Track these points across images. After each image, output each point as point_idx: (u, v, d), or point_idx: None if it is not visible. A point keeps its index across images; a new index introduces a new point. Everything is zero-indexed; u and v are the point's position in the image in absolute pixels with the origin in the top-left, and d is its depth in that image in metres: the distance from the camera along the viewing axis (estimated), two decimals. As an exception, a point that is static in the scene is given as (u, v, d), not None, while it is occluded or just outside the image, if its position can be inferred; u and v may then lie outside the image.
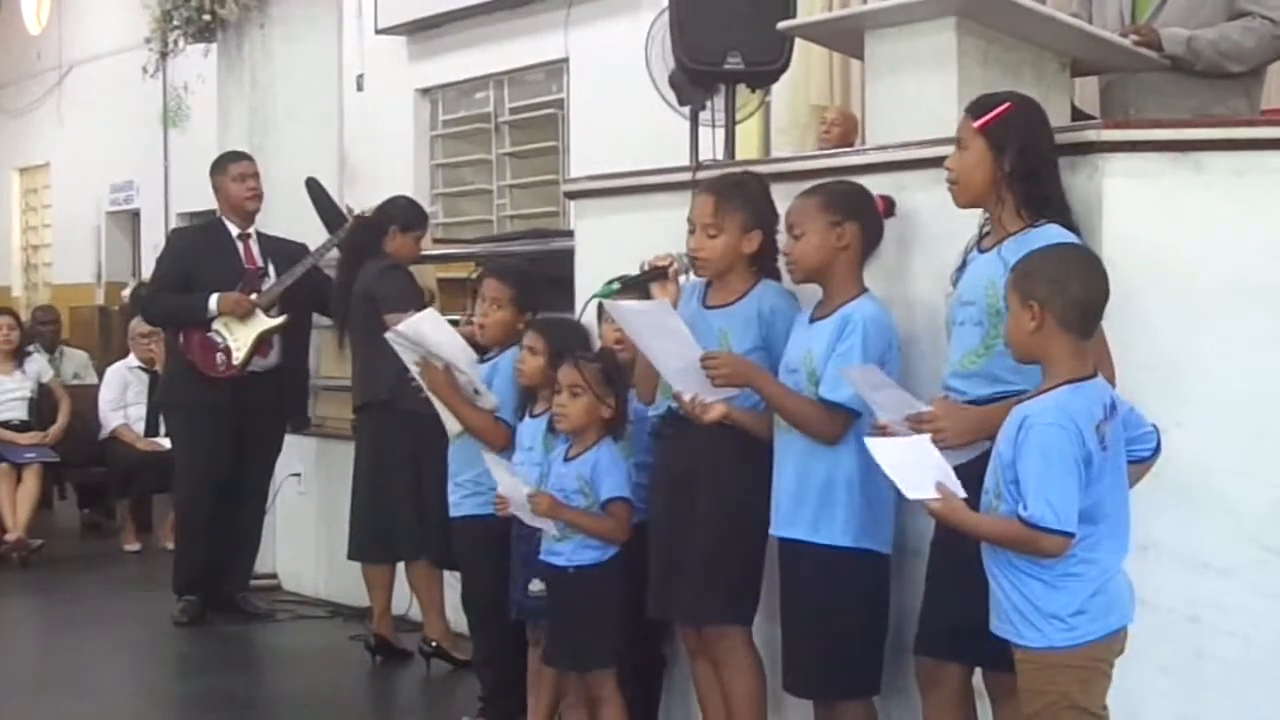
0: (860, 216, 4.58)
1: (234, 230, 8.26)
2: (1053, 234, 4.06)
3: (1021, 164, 4.15)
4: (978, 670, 4.28)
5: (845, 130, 8.93)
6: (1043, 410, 3.73)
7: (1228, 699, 4.32)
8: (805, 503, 4.55)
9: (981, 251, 4.25)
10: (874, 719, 4.63)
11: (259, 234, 8.29)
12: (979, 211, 4.29)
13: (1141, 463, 3.97)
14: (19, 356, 10.90)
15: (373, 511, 7.28)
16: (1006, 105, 4.21)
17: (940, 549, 4.24)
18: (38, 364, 11.07)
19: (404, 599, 7.60)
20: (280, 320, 8.09)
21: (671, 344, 4.72)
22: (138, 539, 10.73)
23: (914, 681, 4.42)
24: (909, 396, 4.14)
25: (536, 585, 5.28)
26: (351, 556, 7.49)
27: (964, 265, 4.30)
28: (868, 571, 4.55)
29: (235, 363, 8.02)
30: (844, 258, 4.56)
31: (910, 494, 3.90)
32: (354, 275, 7.28)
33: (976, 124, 4.20)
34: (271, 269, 8.19)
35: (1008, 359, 4.06)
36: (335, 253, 7.98)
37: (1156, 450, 4.02)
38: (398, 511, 7.12)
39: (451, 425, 5.82)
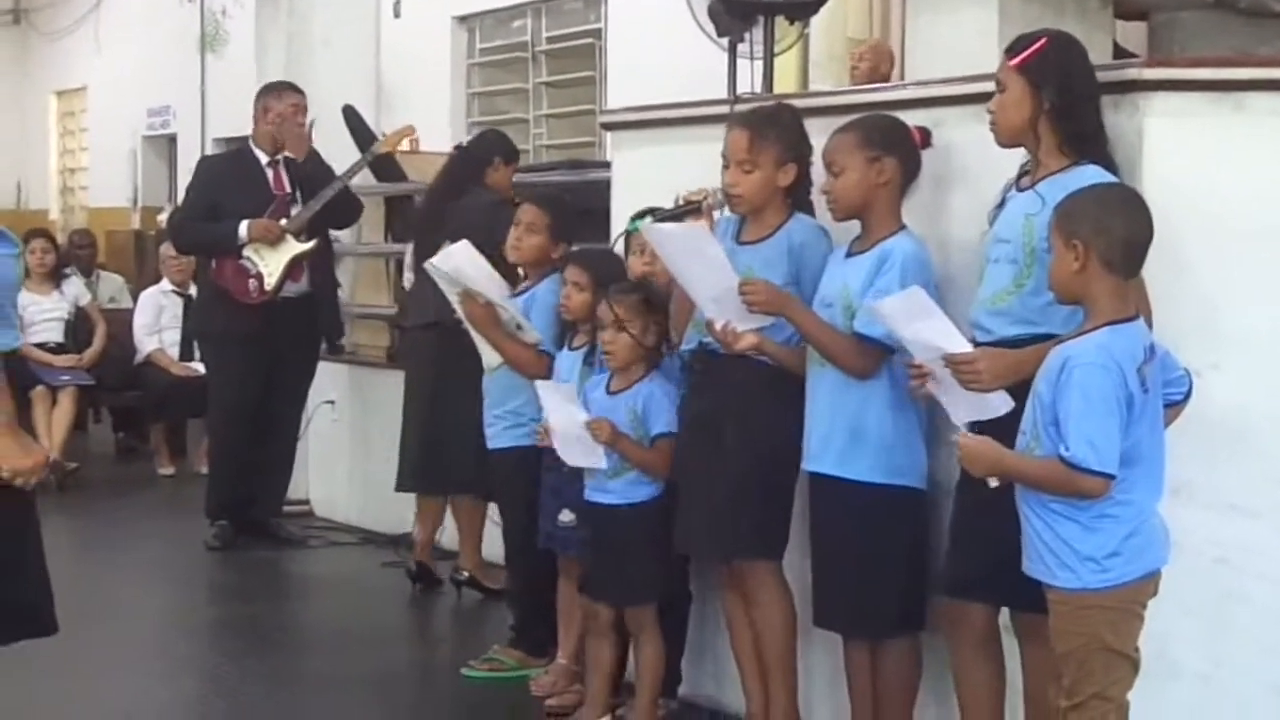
0: (898, 150, 4.55)
1: (263, 157, 8.27)
2: (1091, 174, 4.03)
3: (1060, 100, 4.12)
4: (1004, 610, 4.28)
5: (874, 64, 8.79)
6: (1084, 350, 3.71)
7: (1255, 641, 4.32)
8: (835, 438, 4.56)
9: (1020, 190, 4.23)
10: (919, 655, 4.64)
11: (287, 160, 8.29)
12: (1018, 150, 4.26)
13: (1173, 406, 3.96)
14: (57, 278, 10.91)
15: (427, 441, 7.18)
16: (1043, 41, 4.18)
17: (965, 489, 4.23)
18: (75, 287, 11.09)
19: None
20: (310, 245, 8.11)
21: (706, 269, 4.70)
22: (172, 463, 10.80)
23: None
24: (952, 327, 4.09)
25: (566, 516, 5.30)
26: (405, 488, 7.42)
27: (1002, 204, 4.28)
28: (901, 507, 4.55)
29: (267, 288, 8.05)
30: (884, 193, 4.54)
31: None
32: (446, 204, 7.10)
33: (1013, 62, 4.18)
34: (299, 194, 8.21)
35: (1038, 299, 4.06)
36: (365, 176, 7.92)
37: (1188, 394, 4.01)
38: (454, 443, 6.92)
39: (489, 358, 5.82)
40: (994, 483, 3.89)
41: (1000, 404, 3.98)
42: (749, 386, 4.76)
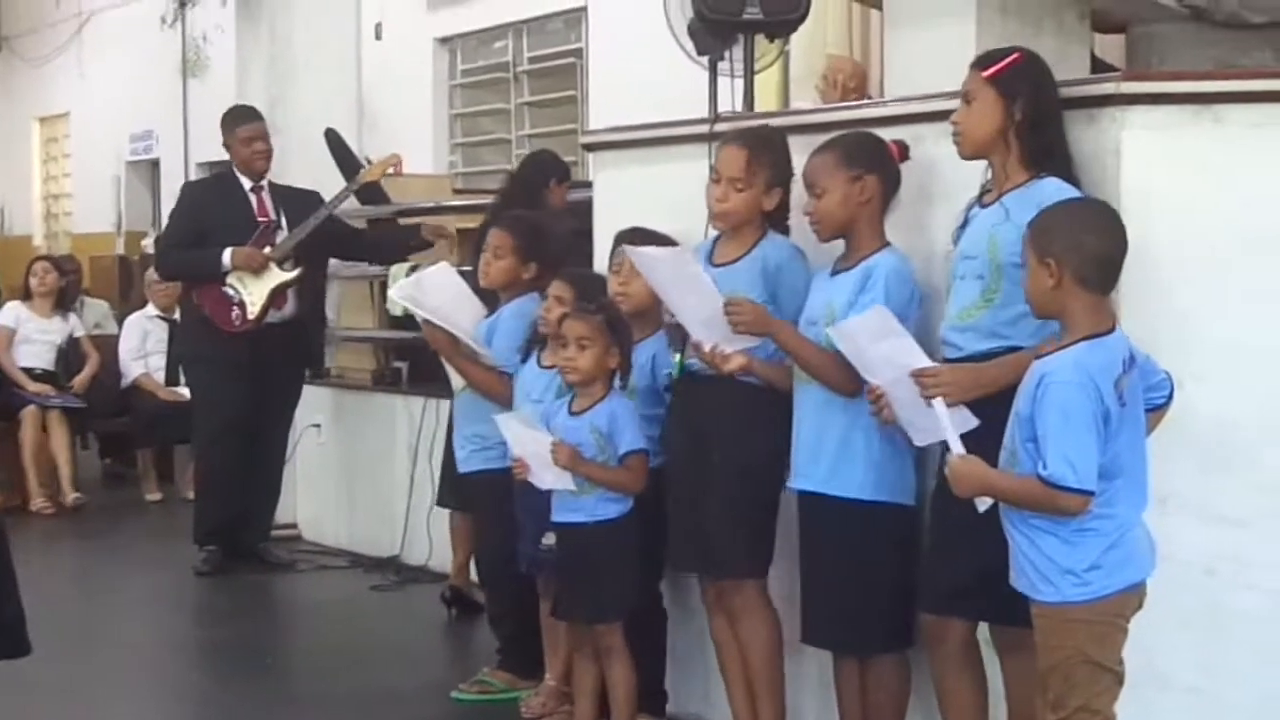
0: (879, 168, 4.57)
1: (246, 183, 8.26)
2: (1053, 187, 4.07)
3: (1031, 113, 4.16)
4: (984, 624, 4.29)
5: (841, 82, 8.72)
6: (1061, 368, 3.71)
7: (1246, 651, 4.31)
8: (822, 455, 4.56)
9: (983, 207, 4.26)
10: (907, 672, 4.63)
11: (271, 184, 8.29)
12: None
13: (1156, 410, 3.97)
14: (63, 303, 10.95)
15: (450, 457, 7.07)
16: (1016, 55, 4.22)
17: (940, 505, 4.24)
18: (73, 320, 11.10)
19: (425, 548, 7.64)
20: (295, 273, 8.07)
21: (693, 293, 4.72)
22: (159, 489, 10.78)
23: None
24: (915, 345, 4.12)
25: (549, 539, 5.27)
26: (443, 504, 7.23)
27: (965, 223, 4.31)
28: (889, 523, 4.54)
29: (250, 317, 8.02)
30: (866, 211, 4.55)
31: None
32: None
33: (986, 73, 4.20)
34: (284, 220, 8.19)
35: (1006, 312, 4.09)
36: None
37: (1170, 397, 4.02)
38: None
39: (455, 379, 5.84)
40: (983, 505, 3.89)
41: (962, 421, 3.98)
42: (733, 407, 4.77)
